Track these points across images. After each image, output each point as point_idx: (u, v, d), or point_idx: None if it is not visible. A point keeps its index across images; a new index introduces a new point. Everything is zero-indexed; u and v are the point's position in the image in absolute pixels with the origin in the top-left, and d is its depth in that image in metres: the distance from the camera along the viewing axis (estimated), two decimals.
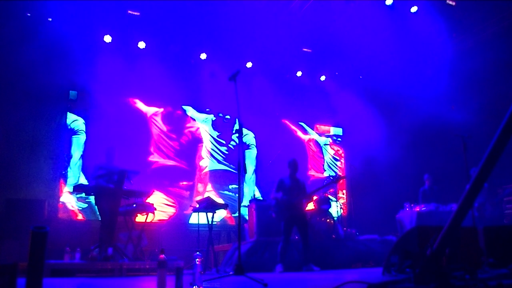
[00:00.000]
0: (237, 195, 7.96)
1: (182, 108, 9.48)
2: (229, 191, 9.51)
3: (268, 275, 5.01)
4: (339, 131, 11.27)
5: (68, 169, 8.12)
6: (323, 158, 10.96)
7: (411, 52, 8.83)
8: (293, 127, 10.66)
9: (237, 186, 8.99)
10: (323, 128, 11.11)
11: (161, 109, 9.19)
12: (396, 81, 9.57)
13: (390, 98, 10.28)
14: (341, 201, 10.18)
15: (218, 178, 9.50)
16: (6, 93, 7.44)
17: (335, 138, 11.19)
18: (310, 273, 5.91)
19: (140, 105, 9.03)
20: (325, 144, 11.01)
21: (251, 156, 10.00)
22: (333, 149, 11.14)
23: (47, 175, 7.68)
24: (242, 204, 8.13)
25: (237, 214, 6.24)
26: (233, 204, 9.15)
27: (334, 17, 8.41)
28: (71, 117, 8.36)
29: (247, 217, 7.81)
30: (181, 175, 9.12)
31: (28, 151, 7.48)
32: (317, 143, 10.92)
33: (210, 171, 9.48)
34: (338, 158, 11.12)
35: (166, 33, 8.59)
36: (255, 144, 10.09)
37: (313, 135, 10.88)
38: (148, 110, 9.09)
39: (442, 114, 8.68)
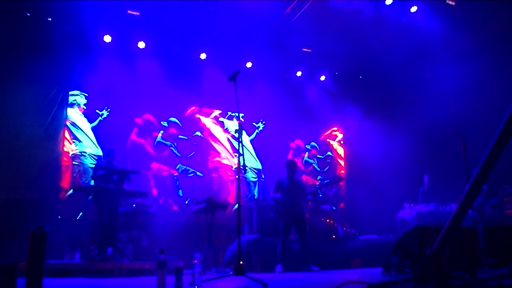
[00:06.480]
0: None
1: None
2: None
3: (268, 275, 5.01)
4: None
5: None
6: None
7: (411, 52, 8.82)
8: None
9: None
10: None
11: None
12: (396, 81, 9.57)
13: (390, 98, 10.28)
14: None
15: None
16: (5, 93, 7.43)
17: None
18: (309, 273, 5.92)
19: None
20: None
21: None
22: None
23: (47, 174, 7.67)
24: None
25: None
26: None
27: (334, 17, 8.40)
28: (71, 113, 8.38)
29: None
30: None
31: (27, 151, 7.47)
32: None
33: None
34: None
35: (166, 33, 8.58)
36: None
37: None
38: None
39: (442, 114, 8.68)
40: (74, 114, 8.34)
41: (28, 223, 2.90)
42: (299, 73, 10.18)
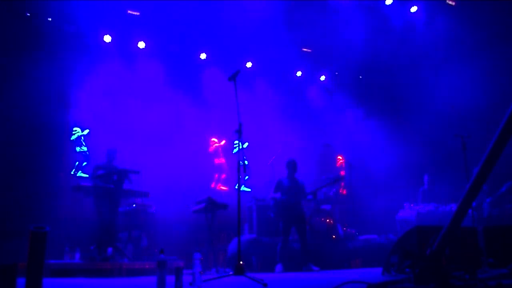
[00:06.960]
0: None
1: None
2: None
3: (268, 275, 5.01)
4: None
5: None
6: None
7: (411, 52, 8.83)
8: None
9: None
10: None
11: None
12: (397, 81, 9.56)
13: (390, 98, 10.27)
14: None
15: None
16: (5, 93, 7.43)
17: None
18: (309, 273, 5.92)
19: None
20: None
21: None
22: None
23: (47, 174, 7.66)
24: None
25: None
26: None
27: (334, 17, 8.40)
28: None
29: None
30: None
31: (27, 150, 7.47)
32: None
33: None
34: None
35: (166, 33, 8.59)
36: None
37: None
38: None
39: (442, 114, 8.68)
40: None
41: (28, 223, 2.90)
42: (299, 73, 10.18)
